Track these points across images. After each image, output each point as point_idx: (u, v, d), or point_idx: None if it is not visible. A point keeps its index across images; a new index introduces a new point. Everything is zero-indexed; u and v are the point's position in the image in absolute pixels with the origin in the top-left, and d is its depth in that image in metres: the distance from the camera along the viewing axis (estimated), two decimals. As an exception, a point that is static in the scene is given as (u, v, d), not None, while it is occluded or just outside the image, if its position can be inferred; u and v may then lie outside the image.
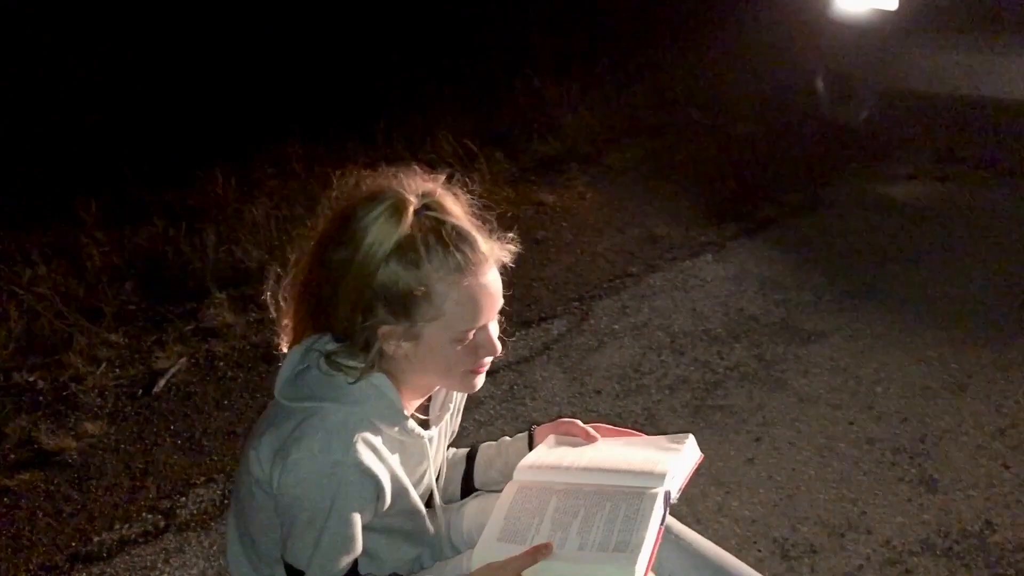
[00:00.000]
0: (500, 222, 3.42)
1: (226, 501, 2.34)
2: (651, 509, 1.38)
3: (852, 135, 3.89)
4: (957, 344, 2.63)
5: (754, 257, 3.32)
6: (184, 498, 2.36)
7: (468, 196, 1.42)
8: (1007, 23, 3.14)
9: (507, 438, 1.72)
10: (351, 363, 1.38)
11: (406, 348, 1.35)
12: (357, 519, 1.36)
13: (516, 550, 1.37)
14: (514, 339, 2.90)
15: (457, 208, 1.35)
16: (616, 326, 2.93)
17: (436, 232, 1.30)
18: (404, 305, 1.31)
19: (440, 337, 1.33)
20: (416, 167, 1.45)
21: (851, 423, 2.36)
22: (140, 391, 2.87)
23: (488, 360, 1.39)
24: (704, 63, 5.11)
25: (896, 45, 3.44)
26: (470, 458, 1.73)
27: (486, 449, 1.72)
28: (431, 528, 1.57)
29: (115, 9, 6.21)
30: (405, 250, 1.29)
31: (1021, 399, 2.37)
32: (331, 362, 1.38)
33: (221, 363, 3.02)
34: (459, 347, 1.34)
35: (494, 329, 1.38)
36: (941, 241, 3.29)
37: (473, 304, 1.31)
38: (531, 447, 1.67)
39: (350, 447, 1.32)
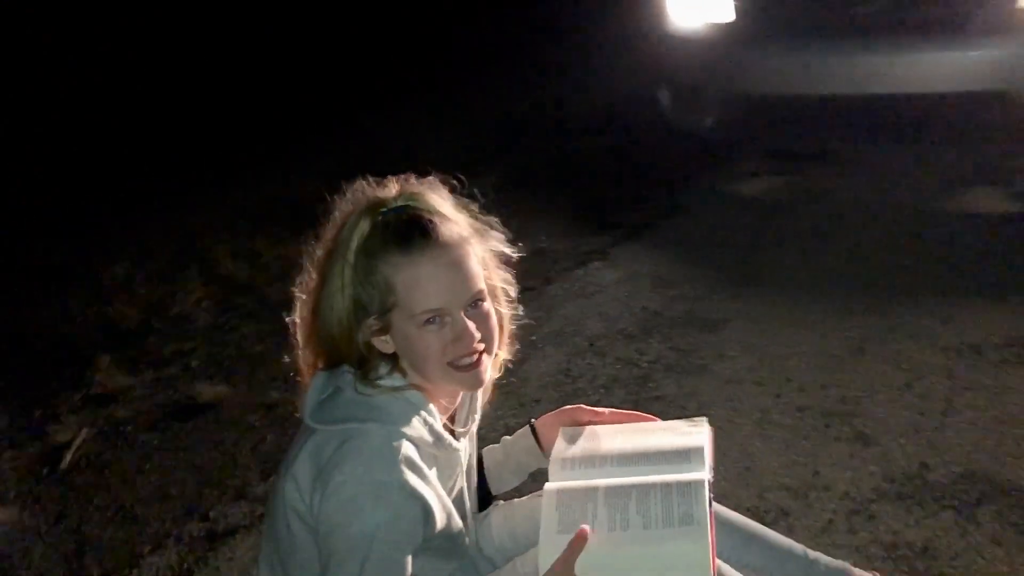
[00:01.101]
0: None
1: (185, 565, 2.22)
2: (702, 491, 1.45)
3: (700, 141, 4.18)
4: (844, 315, 2.91)
5: (638, 259, 3.51)
6: (136, 570, 2.21)
7: (463, 196, 1.47)
8: (836, 27, 3.50)
9: (508, 437, 1.74)
10: (383, 379, 1.40)
11: (390, 342, 1.40)
12: (405, 544, 1.35)
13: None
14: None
15: (438, 202, 1.41)
16: (533, 337, 3.01)
17: (391, 223, 1.36)
18: (371, 300, 1.36)
19: (406, 324, 1.36)
20: (412, 176, 1.50)
21: (778, 396, 2.56)
22: (45, 470, 2.65)
23: (471, 352, 1.39)
24: (548, 83, 5.32)
25: (734, 54, 3.75)
26: (478, 465, 1.74)
27: (491, 453, 1.74)
28: (468, 542, 1.58)
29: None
30: (367, 247, 1.36)
31: (915, 355, 2.65)
32: (367, 382, 1.39)
33: (129, 428, 2.85)
34: (429, 333, 1.36)
35: (472, 327, 1.38)
36: (794, 227, 3.60)
37: (424, 285, 1.34)
38: (537, 440, 1.70)
39: (395, 467, 1.32)
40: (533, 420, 1.71)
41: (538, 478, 1.64)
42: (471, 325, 1.38)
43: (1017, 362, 2.54)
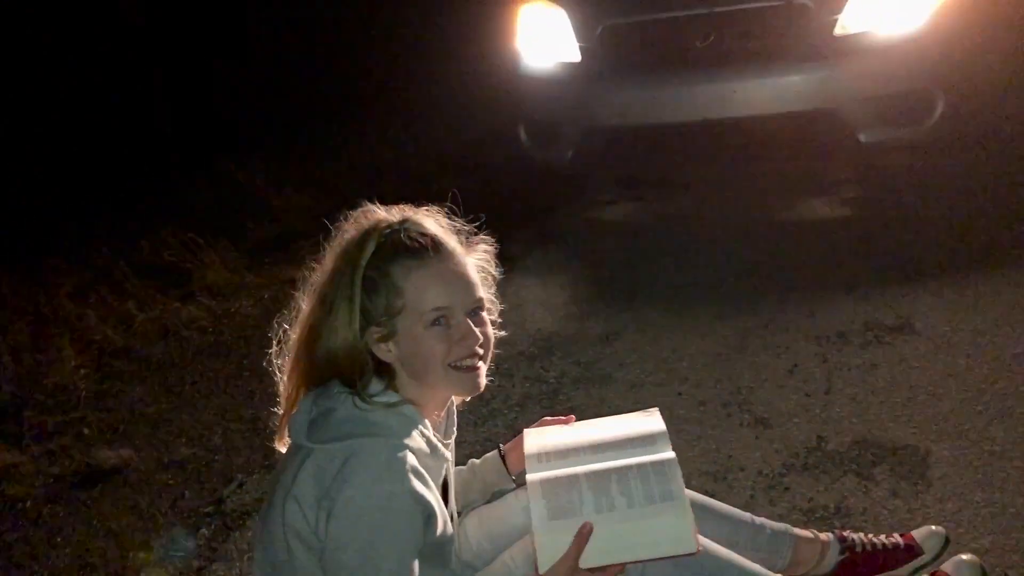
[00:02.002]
0: (259, 305, 3.45)
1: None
2: (676, 468, 1.61)
3: (559, 174, 4.41)
4: (721, 317, 3.18)
5: (522, 287, 3.67)
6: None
7: (447, 216, 1.60)
8: (674, 61, 3.82)
9: (475, 460, 1.86)
10: (378, 396, 1.48)
11: (394, 350, 1.50)
12: (414, 551, 1.44)
13: (571, 522, 1.53)
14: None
15: (432, 222, 1.55)
16: (438, 368, 3.11)
17: (398, 238, 1.49)
18: (380, 306, 1.47)
19: (413, 326, 1.47)
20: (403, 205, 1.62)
21: (679, 394, 2.77)
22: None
23: (473, 355, 1.50)
24: (407, 128, 5.44)
25: (584, 90, 4.00)
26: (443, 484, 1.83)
27: (457, 474, 1.83)
28: (454, 548, 1.66)
29: None
30: (375, 262, 1.47)
31: (790, 346, 2.94)
32: (363, 398, 1.47)
33: (27, 504, 2.71)
34: (434, 334, 1.47)
35: (474, 329, 1.50)
36: (657, 246, 3.88)
37: (433, 285, 1.47)
38: (504, 463, 1.84)
39: (403, 477, 1.41)
40: (501, 444, 1.83)
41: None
42: (473, 326, 1.50)
43: (877, 343, 2.87)
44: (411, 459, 1.45)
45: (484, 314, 1.57)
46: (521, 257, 3.98)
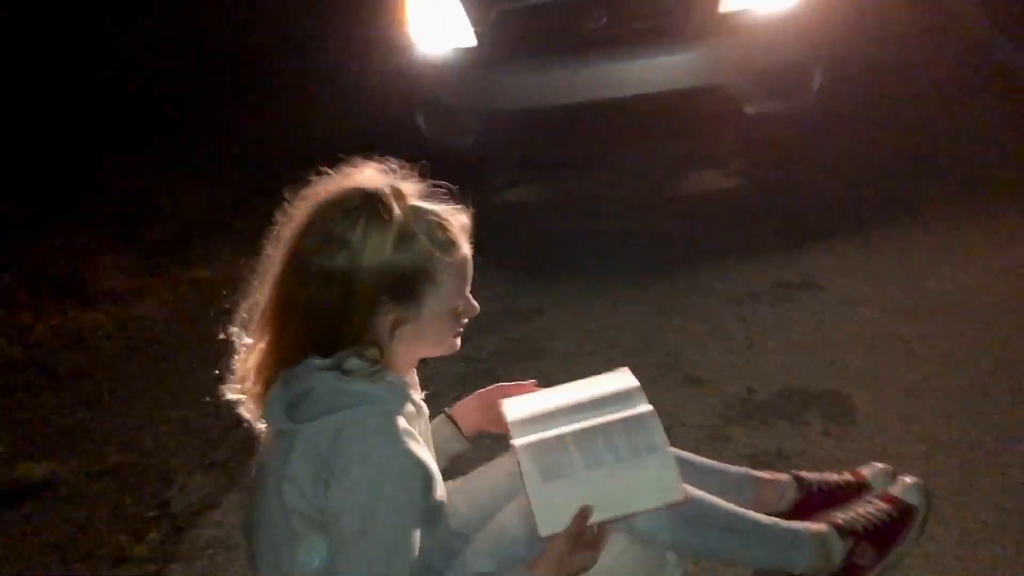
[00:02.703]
0: (165, 307, 3.39)
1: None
2: (656, 421, 1.70)
3: (461, 158, 4.43)
4: (639, 287, 3.32)
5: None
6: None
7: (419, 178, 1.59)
8: (567, 43, 3.92)
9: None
10: (361, 366, 1.49)
11: (406, 332, 1.48)
12: (415, 514, 1.46)
13: (565, 484, 1.59)
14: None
15: (416, 191, 1.52)
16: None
17: (423, 218, 1.46)
18: (409, 290, 1.45)
19: (439, 310, 1.49)
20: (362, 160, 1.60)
21: (610, 360, 2.85)
22: None
23: (463, 326, 1.56)
24: (307, 120, 5.34)
25: (481, 75, 4.05)
26: None
27: None
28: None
29: None
30: (403, 241, 1.44)
31: (708, 308, 3.10)
32: (345, 372, 1.47)
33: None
34: (450, 317, 1.51)
35: (473, 302, 1.55)
36: (564, 224, 3.98)
37: (464, 274, 1.50)
38: (456, 427, 1.86)
39: (398, 441, 1.41)
40: (447, 409, 1.86)
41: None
42: (473, 301, 1.55)
43: (786, 299, 3.07)
44: (402, 422, 1.46)
45: None
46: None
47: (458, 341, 1.59)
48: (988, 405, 2.41)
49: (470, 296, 1.54)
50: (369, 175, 1.53)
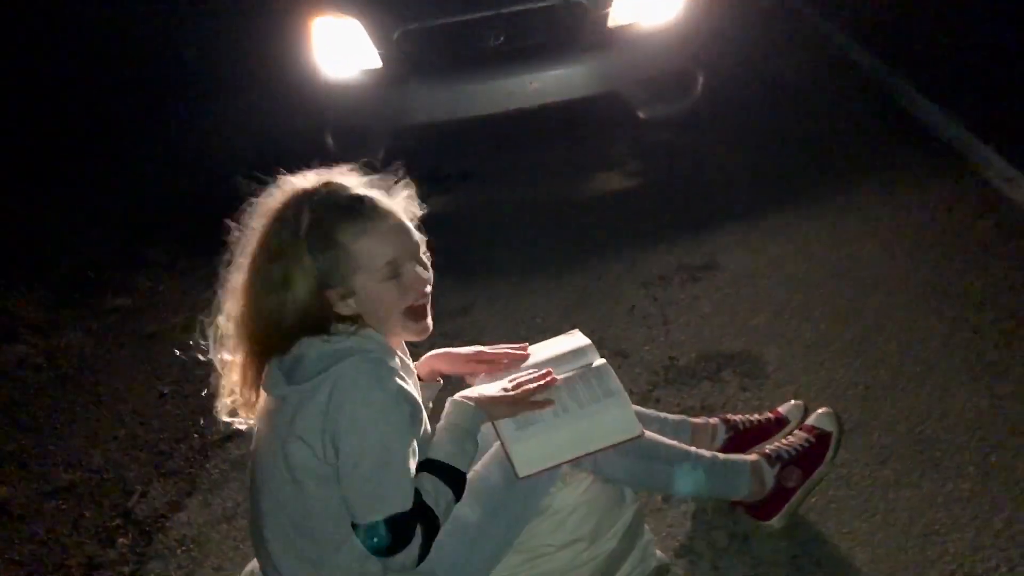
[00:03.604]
0: (91, 335, 3.43)
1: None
2: (610, 370, 1.93)
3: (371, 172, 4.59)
4: (557, 278, 3.52)
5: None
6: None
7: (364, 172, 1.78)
8: (469, 60, 4.15)
9: None
10: (342, 327, 1.66)
11: (353, 304, 1.66)
12: (413, 442, 1.64)
13: (537, 430, 1.80)
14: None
15: (354, 181, 1.72)
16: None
17: (331, 202, 1.64)
18: (334, 271, 1.63)
19: (370, 282, 1.65)
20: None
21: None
22: None
23: (422, 295, 1.71)
24: (204, 148, 5.38)
25: (388, 94, 4.25)
26: None
27: None
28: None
29: None
30: (317, 230, 1.62)
31: (624, 292, 3.35)
32: (329, 334, 1.64)
33: (-93, 556, 2.55)
34: (389, 286, 1.65)
35: (421, 272, 1.70)
36: (478, 231, 4.17)
37: (379, 243, 1.64)
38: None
39: (388, 379, 1.61)
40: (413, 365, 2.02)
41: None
42: (419, 271, 1.71)
43: (693, 280, 3.35)
44: (390, 362, 1.64)
45: (426, 256, 1.78)
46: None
47: (427, 324, 1.75)
48: (877, 352, 2.73)
49: (414, 267, 1.68)
50: (299, 180, 1.71)
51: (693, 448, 2.04)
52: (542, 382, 1.81)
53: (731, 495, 2.08)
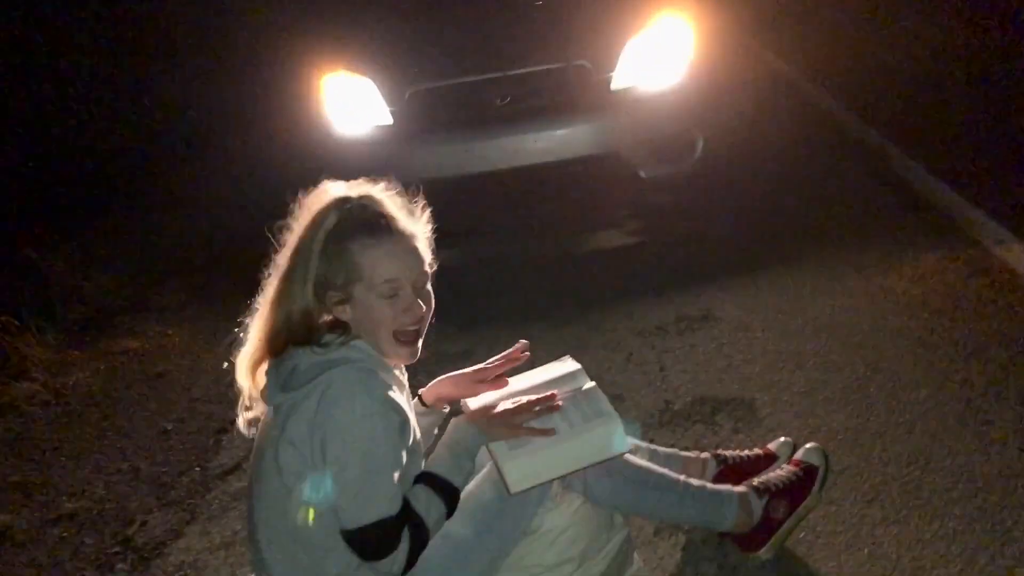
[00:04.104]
0: (98, 375, 3.56)
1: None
2: (599, 392, 2.00)
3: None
4: (559, 327, 3.60)
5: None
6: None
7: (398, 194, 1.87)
8: (478, 118, 4.30)
9: None
10: (333, 338, 1.74)
11: (349, 312, 1.75)
12: (397, 456, 1.70)
13: (528, 448, 1.86)
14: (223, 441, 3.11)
15: (385, 198, 1.82)
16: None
17: (354, 218, 1.75)
18: (338, 275, 1.72)
19: (367, 295, 1.73)
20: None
21: (540, 389, 3.16)
22: None
23: (416, 322, 1.78)
24: (212, 201, 5.53)
25: (398, 150, 4.38)
26: None
27: None
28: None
29: None
30: (337, 234, 1.72)
31: (621, 341, 3.42)
32: (321, 344, 1.72)
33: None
34: (384, 304, 1.73)
35: (419, 301, 1.77)
36: (479, 283, 4.21)
37: (387, 262, 1.72)
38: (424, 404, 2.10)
39: (375, 388, 1.68)
40: (420, 391, 2.09)
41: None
42: (417, 299, 1.79)
43: (689, 330, 3.42)
44: (379, 372, 1.72)
45: (429, 287, 1.87)
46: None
47: (414, 349, 1.81)
48: (867, 400, 2.79)
49: (412, 294, 1.75)
50: (342, 187, 1.82)
51: (683, 477, 2.08)
52: (546, 404, 1.86)
53: (719, 525, 2.11)
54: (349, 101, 4.47)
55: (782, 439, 2.41)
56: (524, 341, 2.08)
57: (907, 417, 2.67)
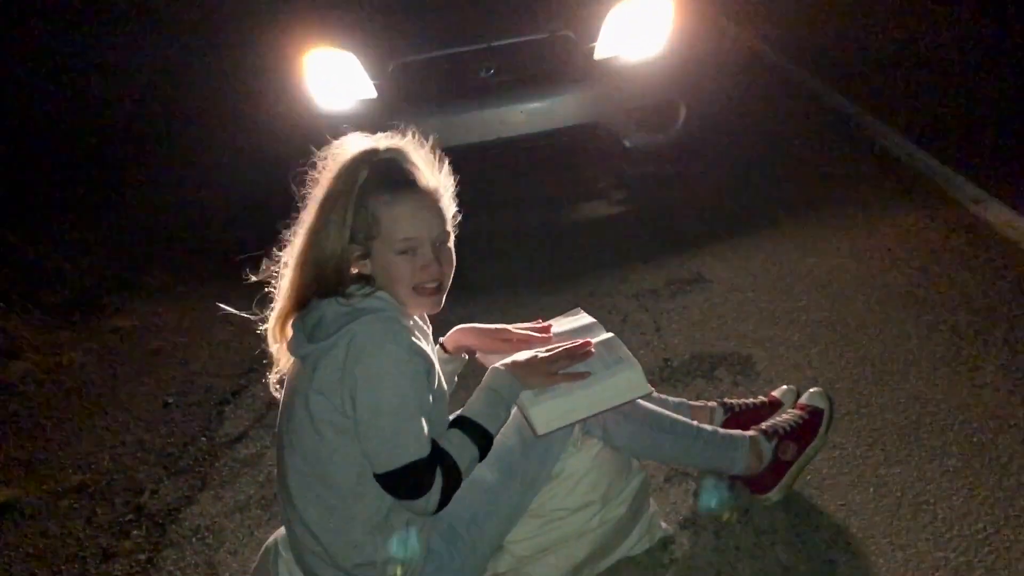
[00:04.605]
0: (90, 353, 3.52)
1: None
2: (617, 340, 2.05)
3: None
4: (555, 293, 3.65)
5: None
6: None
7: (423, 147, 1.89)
8: (463, 90, 4.31)
9: None
10: (356, 289, 1.77)
11: (368, 266, 1.78)
12: (428, 395, 1.74)
13: (552, 393, 1.91)
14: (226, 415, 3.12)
15: (417, 156, 1.84)
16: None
17: (379, 172, 1.76)
18: (360, 229, 1.75)
19: (385, 250, 1.75)
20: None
21: (539, 352, 3.21)
22: None
23: (433, 279, 1.79)
24: (196, 182, 5.49)
25: (386, 121, 4.37)
26: None
27: None
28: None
29: None
30: (364, 188, 1.74)
31: (617, 304, 3.48)
32: (345, 295, 1.75)
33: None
34: (402, 260, 1.75)
35: (436, 260, 1.79)
36: (474, 252, 4.28)
37: (405, 219, 1.74)
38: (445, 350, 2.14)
39: (400, 335, 1.71)
40: (440, 339, 2.12)
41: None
42: (436, 257, 1.82)
43: (681, 292, 3.49)
44: (403, 320, 1.75)
45: (449, 244, 1.90)
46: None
47: (437, 300, 1.84)
48: (861, 351, 2.87)
49: (430, 252, 1.77)
50: (369, 139, 1.85)
51: (695, 422, 2.15)
52: (580, 352, 1.91)
53: (730, 468, 2.18)
54: (332, 76, 4.47)
55: (785, 387, 2.48)
56: (546, 323, 2.13)
57: (899, 365, 2.76)
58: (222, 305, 2.05)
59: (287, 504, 1.83)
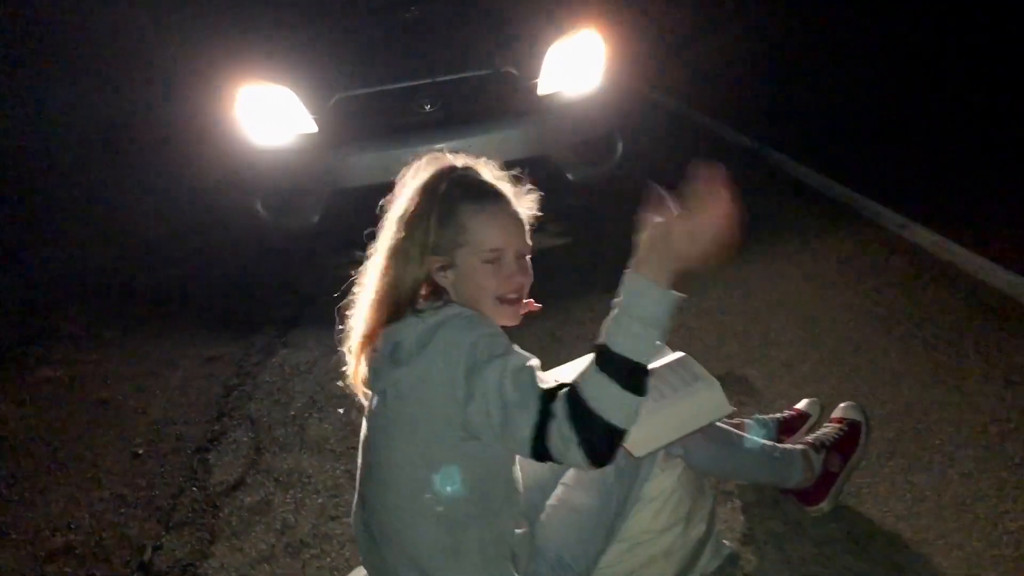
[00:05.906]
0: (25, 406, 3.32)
1: None
2: (691, 359, 2.08)
3: (308, 238, 4.53)
4: (525, 324, 3.65)
5: (319, 340, 3.80)
6: None
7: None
8: (404, 125, 4.27)
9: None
10: (429, 304, 1.74)
11: (451, 276, 1.76)
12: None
13: (643, 416, 1.91)
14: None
15: (488, 171, 1.85)
16: (292, 413, 3.18)
17: (465, 183, 1.78)
18: (446, 239, 1.74)
19: (471, 260, 1.74)
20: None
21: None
22: None
23: (516, 290, 1.78)
24: (136, 223, 5.15)
25: (325, 157, 4.29)
26: None
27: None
28: None
29: None
30: (448, 201, 1.75)
31: (593, 329, 3.50)
32: (417, 312, 1.71)
33: None
34: (488, 269, 1.73)
35: (521, 269, 1.78)
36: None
37: (493, 228, 1.74)
38: None
39: (485, 322, 1.68)
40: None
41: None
42: (520, 268, 1.81)
43: (654, 319, 3.56)
44: (480, 317, 1.70)
45: (529, 258, 1.88)
46: (294, 319, 4.09)
47: (516, 311, 1.82)
48: (848, 367, 3.03)
49: (515, 262, 1.77)
50: (449, 157, 1.85)
51: (761, 439, 2.20)
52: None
53: (787, 481, 2.25)
54: (267, 111, 4.34)
55: (808, 400, 2.58)
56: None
57: (888, 377, 2.93)
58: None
59: (385, 543, 1.74)
